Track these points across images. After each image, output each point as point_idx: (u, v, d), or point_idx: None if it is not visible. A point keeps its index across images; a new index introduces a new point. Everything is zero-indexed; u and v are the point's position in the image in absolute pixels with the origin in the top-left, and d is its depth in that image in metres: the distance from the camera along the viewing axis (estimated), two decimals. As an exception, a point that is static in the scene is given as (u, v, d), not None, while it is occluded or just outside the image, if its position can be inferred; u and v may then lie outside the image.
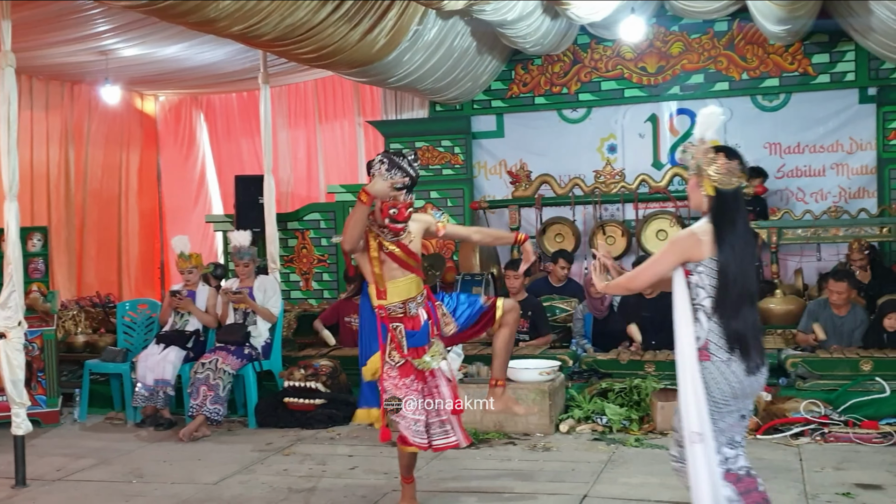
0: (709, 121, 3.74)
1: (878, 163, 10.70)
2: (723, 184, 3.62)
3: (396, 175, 4.79)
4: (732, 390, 3.60)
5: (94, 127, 12.67)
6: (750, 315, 3.64)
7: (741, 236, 3.62)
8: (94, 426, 8.05)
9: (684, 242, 3.66)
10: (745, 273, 3.60)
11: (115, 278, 13.02)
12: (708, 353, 3.62)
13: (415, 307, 5.04)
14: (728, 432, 3.67)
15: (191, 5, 6.12)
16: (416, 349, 5.03)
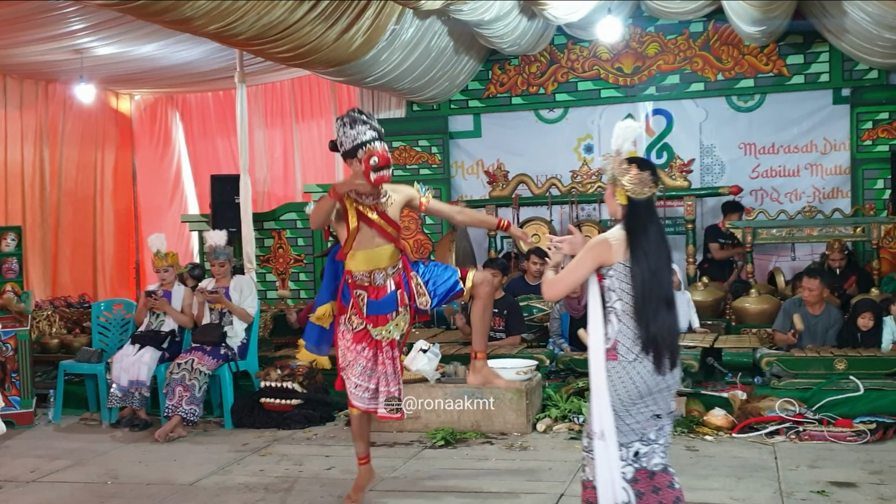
0: (625, 134, 3.88)
1: (852, 163, 10.79)
2: (635, 193, 3.77)
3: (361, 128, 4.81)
4: (638, 390, 3.72)
5: (68, 126, 12.58)
6: (666, 319, 3.76)
7: (653, 242, 3.76)
8: (69, 427, 7.99)
9: (597, 248, 3.80)
10: (659, 278, 3.74)
11: (90, 278, 12.92)
12: (616, 353, 3.75)
13: (382, 278, 5.02)
14: (639, 430, 3.77)
15: (166, 4, 6.10)
16: (376, 317, 5.04)
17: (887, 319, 7.68)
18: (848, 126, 10.82)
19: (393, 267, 5.05)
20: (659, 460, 3.81)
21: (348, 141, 4.86)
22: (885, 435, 6.46)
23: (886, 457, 6.04)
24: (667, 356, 3.74)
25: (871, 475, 5.63)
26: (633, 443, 3.77)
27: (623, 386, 3.72)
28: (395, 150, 12.04)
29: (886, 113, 10.60)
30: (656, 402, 3.76)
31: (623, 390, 3.72)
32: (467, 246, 11.28)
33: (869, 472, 5.69)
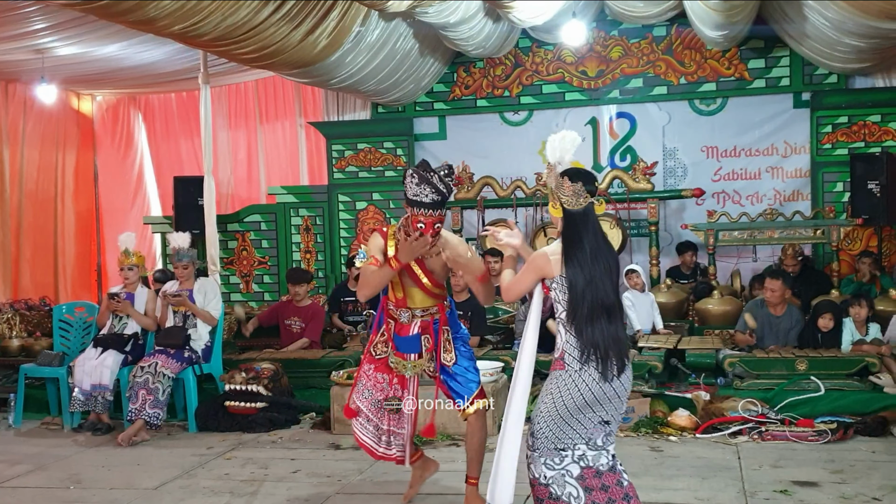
0: (562, 145, 3.92)
1: (812, 166, 10.94)
2: (569, 205, 3.84)
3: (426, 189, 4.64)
4: (584, 399, 3.76)
5: (29, 127, 12.41)
6: (607, 327, 3.79)
7: (589, 252, 3.80)
8: (30, 431, 7.88)
9: (537, 262, 3.91)
10: (595, 287, 3.78)
11: (51, 281, 12.77)
12: (563, 362, 3.82)
13: (407, 317, 5.01)
14: (585, 435, 3.83)
15: (130, 4, 6.05)
16: (401, 353, 5.04)
17: (847, 321, 7.81)
18: (808, 130, 10.97)
19: (423, 311, 5.00)
20: (605, 460, 3.87)
21: (410, 193, 4.71)
22: (845, 435, 6.55)
23: (847, 456, 6.13)
24: (610, 363, 3.77)
25: (833, 474, 5.71)
26: (577, 445, 3.83)
27: (569, 394, 3.77)
28: (360, 151, 12.04)
29: (846, 117, 10.77)
30: (605, 409, 3.81)
31: (569, 399, 3.77)
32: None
33: (830, 472, 5.76)
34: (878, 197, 9.72)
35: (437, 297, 5.01)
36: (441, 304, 5.04)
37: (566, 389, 3.78)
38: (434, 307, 5.01)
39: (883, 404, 6.91)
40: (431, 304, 5.00)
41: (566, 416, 3.78)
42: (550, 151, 3.95)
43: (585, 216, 3.86)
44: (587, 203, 3.84)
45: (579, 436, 3.81)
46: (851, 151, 10.61)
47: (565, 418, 3.78)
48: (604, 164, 11.55)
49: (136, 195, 13.90)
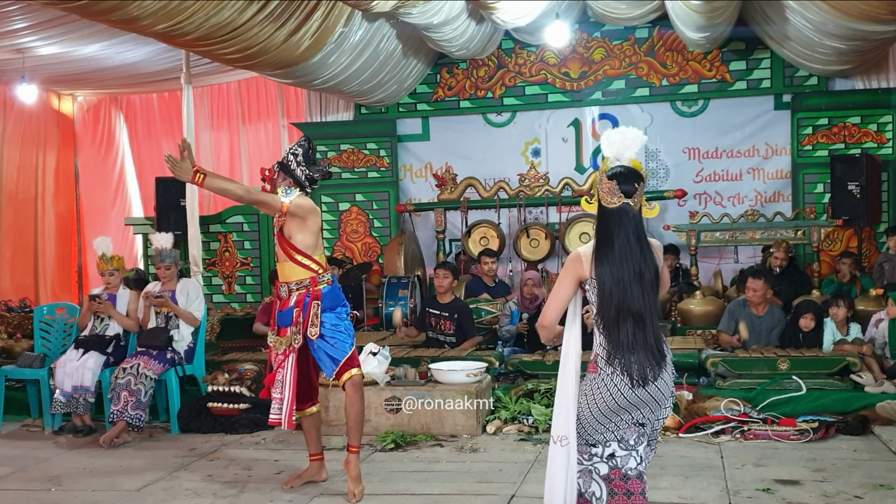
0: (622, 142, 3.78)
1: (793, 167, 11.02)
2: (605, 202, 3.71)
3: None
4: (616, 402, 3.64)
5: (9, 127, 12.33)
6: (634, 331, 3.65)
7: (618, 253, 3.66)
8: (10, 434, 7.80)
9: (572, 264, 3.77)
10: (623, 289, 3.64)
11: (32, 282, 12.68)
12: (596, 365, 3.71)
13: (285, 291, 5.50)
14: (619, 434, 3.71)
15: (112, 3, 6.03)
16: (282, 328, 5.51)
17: (828, 321, 7.86)
18: (789, 131, 11.06)
19: (297, 284, 5.46)
20: (634, 465, 3.74)
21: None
22: (827, 433, 6.58)
23: (829, 455, 6.16)
24: (636, 369, 3.63)
25: (815, 473, 5.74)
26: (609, 442, 3.71)
27: (601, 397, 3.65)
28: (343, 152, 12.03)
29: (826, 119, 10.87)
30: (641, 412, 3.69)
31: (602, 402, 3.65)
32: (415, 249, 11.30)
33: (812, 470, 5.80)
34: (857, 198, 9.80)
35: (306, 268, 5.43)
36: (314, 277, 5.44)
37: (598, 392, 3.66)
38: (307, 280, 5.43)
39: (864, 403, 6.94)
40: (304, 276, 5.43)
41: (599, 416, 3.67)
42: (607, 146, 3.78)
43: (618, 216, 3.68)
44: (621, 203, 3.68)
45: (612, 434, 3.70)
46: (832, 153, 10.69)
47: (598, 419, 3.68)
48: (586, 166, 11.60)
49: (118, 196, 13.83)
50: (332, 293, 5.52)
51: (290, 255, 5.43)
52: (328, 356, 5.45)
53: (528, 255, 10.73)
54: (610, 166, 3.75)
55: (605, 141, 3.79)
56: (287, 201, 5.37)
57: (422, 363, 7.51)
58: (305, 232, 5.43)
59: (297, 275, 5.44)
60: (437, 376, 7.16)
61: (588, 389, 3.70)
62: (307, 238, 5.44)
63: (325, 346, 5.45)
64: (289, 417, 5.49)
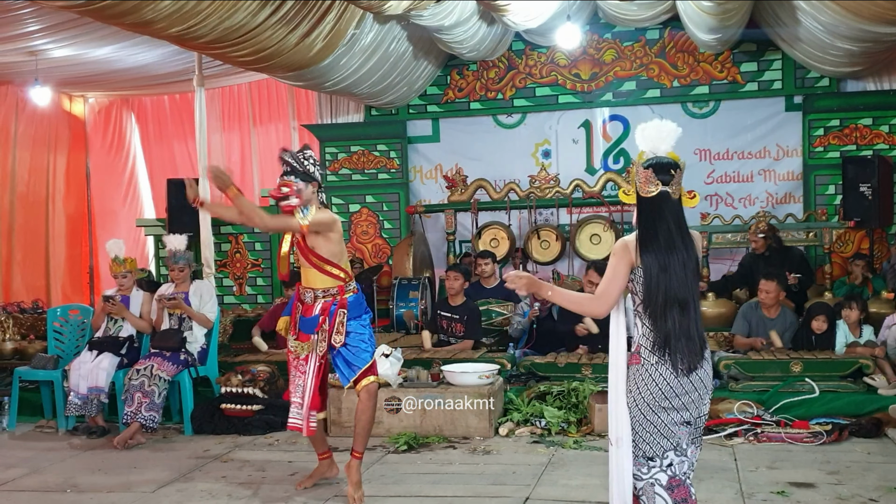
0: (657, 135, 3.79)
1: (804, 169, 11.01)
2: (643, 192, 3.73)
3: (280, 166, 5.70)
4: (662, 392, 3.65)
5: (21, 128, 12.36)
6: (679, 319, 3.66)
7: (663, 242, 3.68)
8: (24, 435, 7.84)
9: (621, 251, 3.76)
10: (669, 277, 3.65)
11: (43, 283, 12.71)
12: (639, 356, 3.71)
13: (310, 298, 5.53)
14: (673, 439, 3.69)
15: (128, 6, 6.04)
16: (303, 334, 5.53)
17: (840, 323, 7.85)
18: (800, 133, 11.04)
19: (323, 291, 5.52)
20: (687, 467, 3.75)
21: None
22: (840, 436, 6.58)
23: (843, 457, 6.16)
24: (681, 357, 3.65)
25: (829, 475, 5.74)
26: (667, 452, 3.69)
27: (647, 389, 3.66)
28: (354, 154, 12.05)
29: (837, 120, 10.85)
30: (686, 407, 3.68)
31: (647, 393, 3.66)
32: (425, 251, 11.32)
33: (826, 473, 5.79)
34: (869, 200, 9.77)
35: (334, 277, 5.50)
36: (341, 286, 5.52)
37: (643, 384, 3.67)
38: (334, 288, 5.50)
39: (877, 406, 6.94)
40: (332, 285, 5.50)
41: (648, 413, 3.66)
42: (642, 140, 3.80)
43: (658, 204, 3.72)
44: (658, 191, 3.70)
45: (668, 441, 3.68)
46: (843, 154, 10.67)
47: (648, 416, 3.66)
48: (597, 167, 11.59)
49: (129, 197, 13.87)
50: (357, 301, 5.60)
51: (317, 265, 5.48)
52: (347, 363, 5.51)
53: (538, 257, 10.73)
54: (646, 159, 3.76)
55: (641, 135, 3.81)
56: (305, 222, 5.39)
57: (434, 365, 7.51)
58: (330, 242, 5.49)
59: (324, 283, 5.50)
60: (450, 378, 7.17)
61: (633, 384, 3.70)
62: (332, 247, 5.50)
63: (347, 354, 5.50)
64: (307, 422, 5.52)
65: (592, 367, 7.53)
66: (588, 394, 7.15)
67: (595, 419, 6.97)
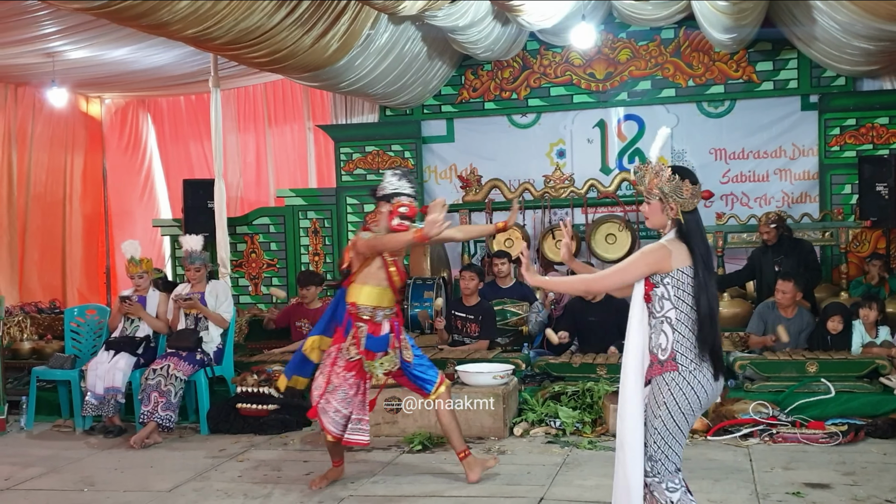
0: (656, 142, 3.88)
1: (820, 168, 10.95)
2: (686, 207, 3.73)
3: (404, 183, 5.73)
4: (699, 399, 3.66)
5: (38, 129, 12.43)
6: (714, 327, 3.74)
7: (705, 254, 3.75)
8: (42, 434, 7.90)
9: (657, 254, 3.72)
10: (710, 287, 3.72)
11: (59, 283, 12.78)
12: (675, 363, 3.67)
13: (381, 316, 5.67)
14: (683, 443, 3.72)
15: (145, 8, 6.07)
16: (370, 352, 5.61)
17: (856, 323, 7.82)
18: (816, 132, 10.98)
19: (390, 310, 5.72)
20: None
21: (390, 188, 5.69)
22: (856, 437, 6.56)
23: (858, 458, 6.14)
24: (720, 363, 3.74)
25: (845, 476, 5.72)
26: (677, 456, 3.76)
27: (683, 396, 3.65)
28: (368, 154, 12.07)
29: (854, 119, 10.78)
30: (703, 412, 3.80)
31: (684, 401, 3.65)
32: (440, 251, 11.31)
33: (842, 474, 5.78)
34: (886, 199, 9.70)
35: (398, 294, 5.81)
36: (398, 303, 5.79)
37: (679, 392, 3.65)
38: (395, 307, 5.77)
39: (893, 406, 6.92)
40: (394, 303, 5.75)
41: (682, 422, 3.66)
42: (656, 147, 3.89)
43: (698, 218, 3.79)
44: (697, 203, 3.77)
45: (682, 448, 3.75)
46: (859, 154, 10.60)
47: (681, 426, 3.66)
48: (612, 167, 11.56)
49: (145, 198, 13.93)
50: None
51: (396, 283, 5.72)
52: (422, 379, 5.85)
53: (553, 257, 10.71)
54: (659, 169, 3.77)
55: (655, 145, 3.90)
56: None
57: (448, 365, 7.52)
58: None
59: (391, 301, 5.73)
60: (464, 378, 7.19)
61: (667, 393, 3.67)
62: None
63: (417, 369, 5.82)
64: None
65: (607, 368, 7.53)
66: (603, 394, 7.15)
67: (610, 419, 6.96)
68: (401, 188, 5.68)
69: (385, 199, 5.69)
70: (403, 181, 5.71)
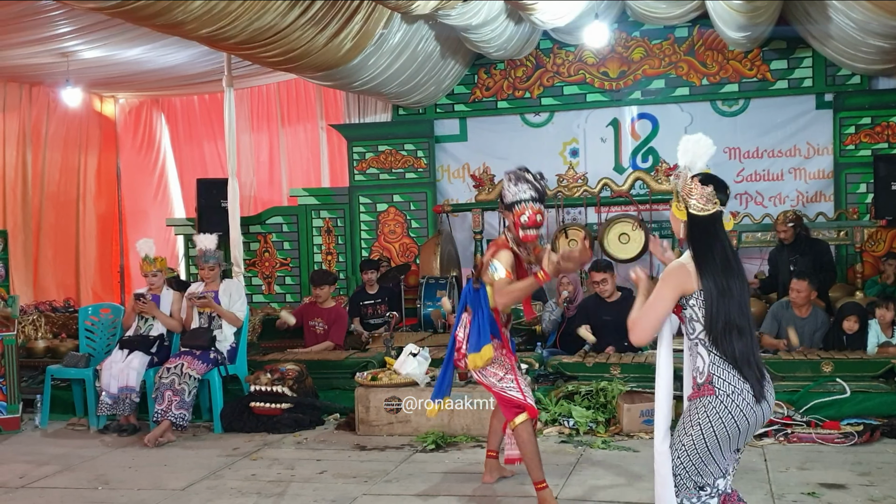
0: (695, 149, 3.63)
1: (835, 167, 10.90)
2: (697, 209, 3.56)
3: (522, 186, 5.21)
4: (737, 426, 3.45)
5: (52, 129, 12.50)
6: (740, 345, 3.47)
7: (720, 263, 3.51)
8: (56, 432, 7.93)
9: (678, 275, 3.55)
10: (729, 302, 3.47)
11: (73, 282, 12.85)
12: (712, 387, 3.49)
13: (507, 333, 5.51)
14: (724, 468, 3.54)
15: (159, 7, 6.09)
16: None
17: (872, 322, 7.77)
18: (831, 130, 10.94)
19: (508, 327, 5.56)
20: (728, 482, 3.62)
21: (510, 195, 5.23)
22: (871, 437, 6.52)
23: (874, 458, 6.10)
24: (754, 385, 3.47)
25: (860, 476, 5.69)
26: (717, 481, 3.53)
27: (721, 422, 3.44)
28: (381, 153, 12.08)
29: (869, 118, 10.74)
30: (748, 437, 3.52)
31: (720, 427, 3.44)
32: (452, 250, 11.32)
33: (858, 474, 5.75)
34: (901, 198, 9.68)
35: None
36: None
37: (717, 417, 3.44)
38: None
39: (909, 406, 6.88)
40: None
41: (713, 447, 3.45)
42: (682, 154, 3.66)
43: (713, 223, 3.56)
44: (715, 210, 3.54)
45: (720, 470, 3.51)
46: (875, 152, 10.56)
47: (711, 450, 3.46)
48: (625, 166, 11.54)
49: (159, 197, 13.98)
50: None
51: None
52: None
53: (567, 256, 10.68)
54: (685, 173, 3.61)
55: (682, 148, 3.67)
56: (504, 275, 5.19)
57: (461, 364, 7.50)
58: None
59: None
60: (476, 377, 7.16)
61: (703, 416, 3.48)
62: None
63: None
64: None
65: (621, 367, 7.50)
66: (616, 394, 7.12)
67: (623, 419, 6.95)
68: (519, 193, 5.20)
69: (507, 210, 5.27)
70: (522, 185, 5.21)
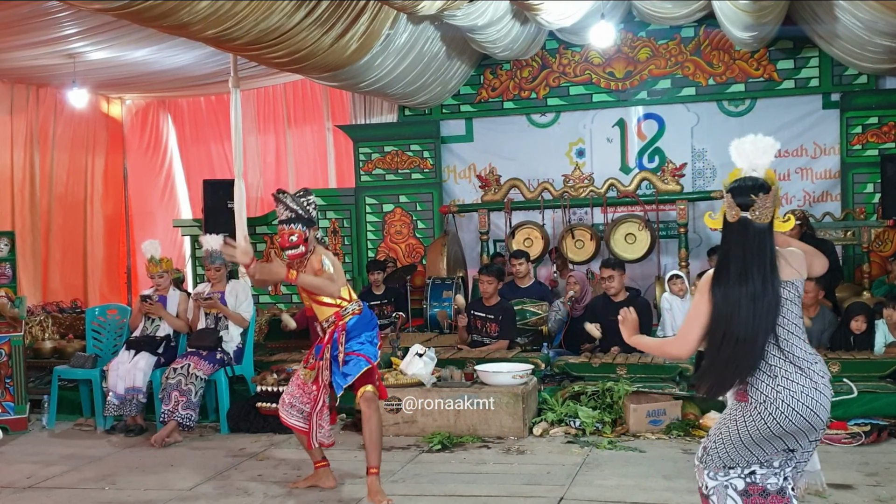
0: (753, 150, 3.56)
1: (842, 167, 10.88)
2: (728, 217, 3.51)
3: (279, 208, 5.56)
4: (771, 431, 3.43)
5: (59, 130, 12.54)
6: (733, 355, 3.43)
7: (733, 271, 3.45)
8: (63, 433, 7.95)
9: (705, 286, 3.54)
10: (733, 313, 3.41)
11: (81, 283, 12.88)
12: (745, 394, 3.50)
13: (320, 329, 5.68)
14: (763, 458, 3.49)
15: (165, 8, 6.09)
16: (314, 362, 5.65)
17: (879, 322, 7.74)
18: (838, 130, 10.92)
19: (326, 322, 5.58)
20: (775, 481, 3.53)
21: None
22: (879, 437, 6.50)
23: (882, 458, 6.09)
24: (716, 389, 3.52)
25: (868, 477, 5.68)
26: (751, 464, 3.50)
27: (755, 427, 3.45)
28: (387, 154, 12.08)
29: (876, 117, 10.71)
30: (797, 440, 3.46)
31: (754, 430, 3.45)
32: (458, 251, 11.32)
33: (865, 474, 5.73)
34: (909, 198, 9.64)
35: (329, 305, 5.54)
36: (337, 311, 5.54)
37: (751, 422, 3.45)
38: (332, 316, 5.55)
39: (917, 407, 6.86)
40: (330, 313, 5.55)
41: (749, 443, 3.46)
42: (738, 157, 3.57)
43: (736, 231, 3.48)
44: (739, 217, 3.46)
45: (756, 459, 3.48)
46: (882, 152, 10.52)
47: (748, 445, 3.47)
48: (632, 166, 11.54)
49: (166, 198, 14.00)
50: (359, 322, 5.60)
51: (314, 298, 5.55)
52: (342, 374, 5.51)
53: (573, 257, 10.68)
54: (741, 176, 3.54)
55: (736, 151, 3.59)
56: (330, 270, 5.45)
57: (468, 365, 7.51)
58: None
59: (324, 314, 5.58)
60: (483, 378, 7.18)
61: (739, 415, 3.51)
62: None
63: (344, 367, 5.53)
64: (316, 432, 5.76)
65: (627, 368, 7.49)
66: (623, 394, 7.12)
67: (630, 419, 6.95)
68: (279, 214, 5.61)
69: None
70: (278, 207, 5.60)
